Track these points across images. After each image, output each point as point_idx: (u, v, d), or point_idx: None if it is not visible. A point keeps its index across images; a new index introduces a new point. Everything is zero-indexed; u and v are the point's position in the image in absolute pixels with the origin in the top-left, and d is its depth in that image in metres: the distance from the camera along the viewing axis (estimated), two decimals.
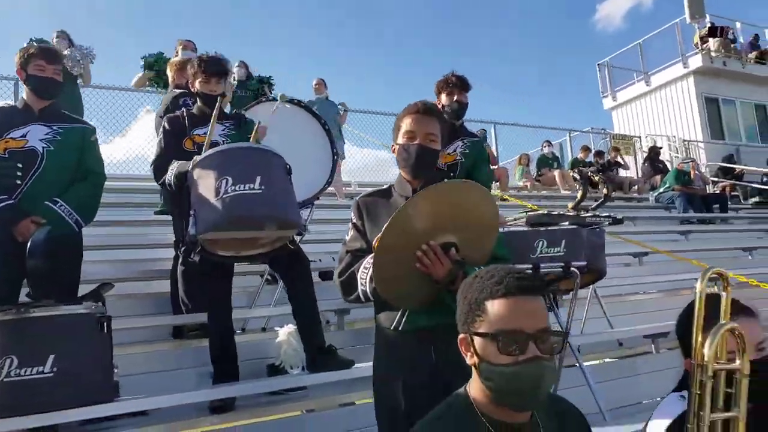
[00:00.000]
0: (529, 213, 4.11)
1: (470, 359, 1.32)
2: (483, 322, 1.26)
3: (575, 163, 11.32)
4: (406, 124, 2.04)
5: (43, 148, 2.94)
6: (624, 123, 15.62)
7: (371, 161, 11.69)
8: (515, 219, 4.18)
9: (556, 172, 10.43)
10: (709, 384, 1.13)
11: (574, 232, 3.33)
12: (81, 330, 2.42)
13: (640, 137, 13.96)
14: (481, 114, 15.98)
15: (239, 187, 2.54)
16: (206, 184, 2.61)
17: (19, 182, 2.88)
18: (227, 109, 3.88)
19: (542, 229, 3.40)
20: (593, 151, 11.42)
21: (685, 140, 14.05)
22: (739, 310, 1.48)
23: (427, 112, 2.04)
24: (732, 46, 15.20)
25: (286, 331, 3.34)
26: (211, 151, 2.72)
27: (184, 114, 3.27)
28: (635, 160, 12.95)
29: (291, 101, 4.39)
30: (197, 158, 2.73)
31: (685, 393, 1.28)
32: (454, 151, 3.74)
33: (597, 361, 4.19)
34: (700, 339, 1.17)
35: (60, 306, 2.42)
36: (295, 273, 2.97)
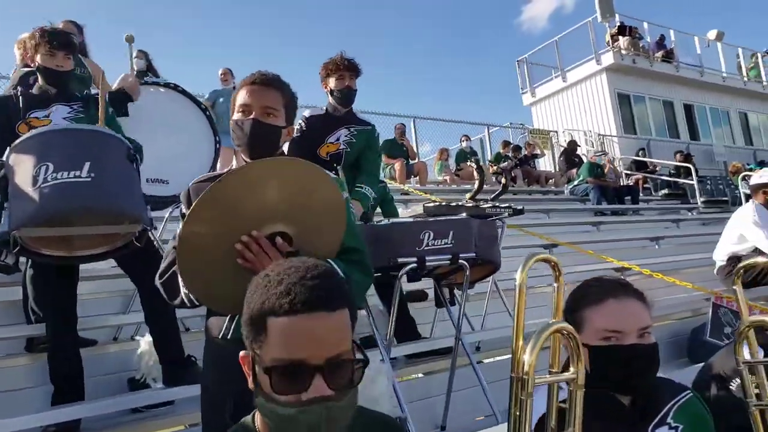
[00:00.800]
0: (426, 204, 3.90)
1: (251, 383, 1.03)
2: (264, 345, 0.97)
3: (497, 158, 11.37)
4: (241, 96, 1.75)
5: None
6: (543, 118, 15.94)
7: None
8: (413, 211, 3.97)
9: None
10: (529, 402, 0.89)
11: (463, 223, 3.12)
12: None
13: (557, 132, 14.25)
14: (402, 109, 15.86)
15: (61, 175, 2.15)
16: (23, 171, 2.20)
17: None
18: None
19: (430, 219, 3.18)
20: (512, 146, 11.49)
21: (600, 134, 14.47)
22: (614, 288, 1.30)
23: (266, 82, 1.76)
24: (640, 44, 15.81)
25: (148, 340, 2.95)
26: (30, 132, 2.31)
27: (18, 94, 2.82)
28: (552, 154, 13.18)
29: (167, 85, 3.97)
30: (15, 142, 2.31)
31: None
32: (338, 140, 3.50)
33: (498, 358, 4.04)
34: (520, 343, 0.93)
35: None
36: (143, 274, 2.59)
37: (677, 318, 4.28)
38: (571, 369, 0.95)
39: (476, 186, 4.05)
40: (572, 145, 12.04)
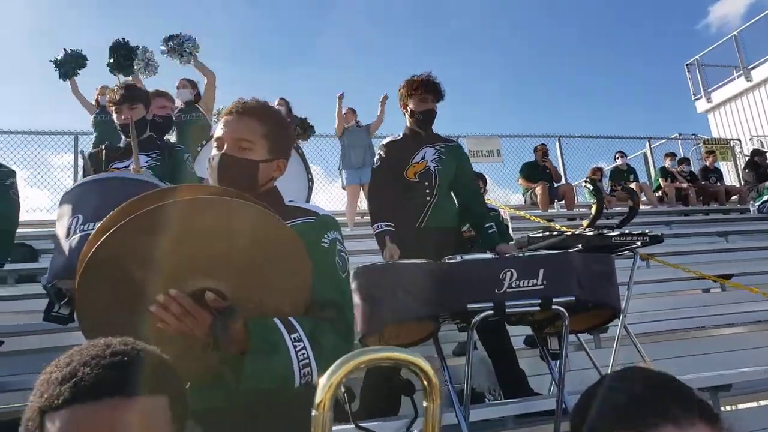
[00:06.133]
0: (531, 234, 3.35)
1: None
2: None
3: (663, 173, 9.99)
4: (217, 129, 1.56)
5: None
6: (723, 125, 13.79)
7: None
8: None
9: (633, 186, 9.22)
10: None
11: (559, 259, 2.55)
12: None
13: (739, 140, 12.18)
14: (547, 128, 14.75)
15: (88, 227, 2.11)
16: (62, 223, 2.23)
17: None
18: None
19: (514, 255, 2.66)
20: (677, 159, 10.00)
21: None
22: (671, 404, 0.78)
23: (241, 111, 1.52)
24: None
25: None
26: (75, 183, 2.34)
27: (103, 148, 3.08)
28: (736, 165, 11.27)
29: None
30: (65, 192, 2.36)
31: None
32: (423, 158, 3.35)
33: None
34: None
35: None
36: None
37: None
38: None
39: (593, 211, 3.40)
40: (757, 153, 10.12)
